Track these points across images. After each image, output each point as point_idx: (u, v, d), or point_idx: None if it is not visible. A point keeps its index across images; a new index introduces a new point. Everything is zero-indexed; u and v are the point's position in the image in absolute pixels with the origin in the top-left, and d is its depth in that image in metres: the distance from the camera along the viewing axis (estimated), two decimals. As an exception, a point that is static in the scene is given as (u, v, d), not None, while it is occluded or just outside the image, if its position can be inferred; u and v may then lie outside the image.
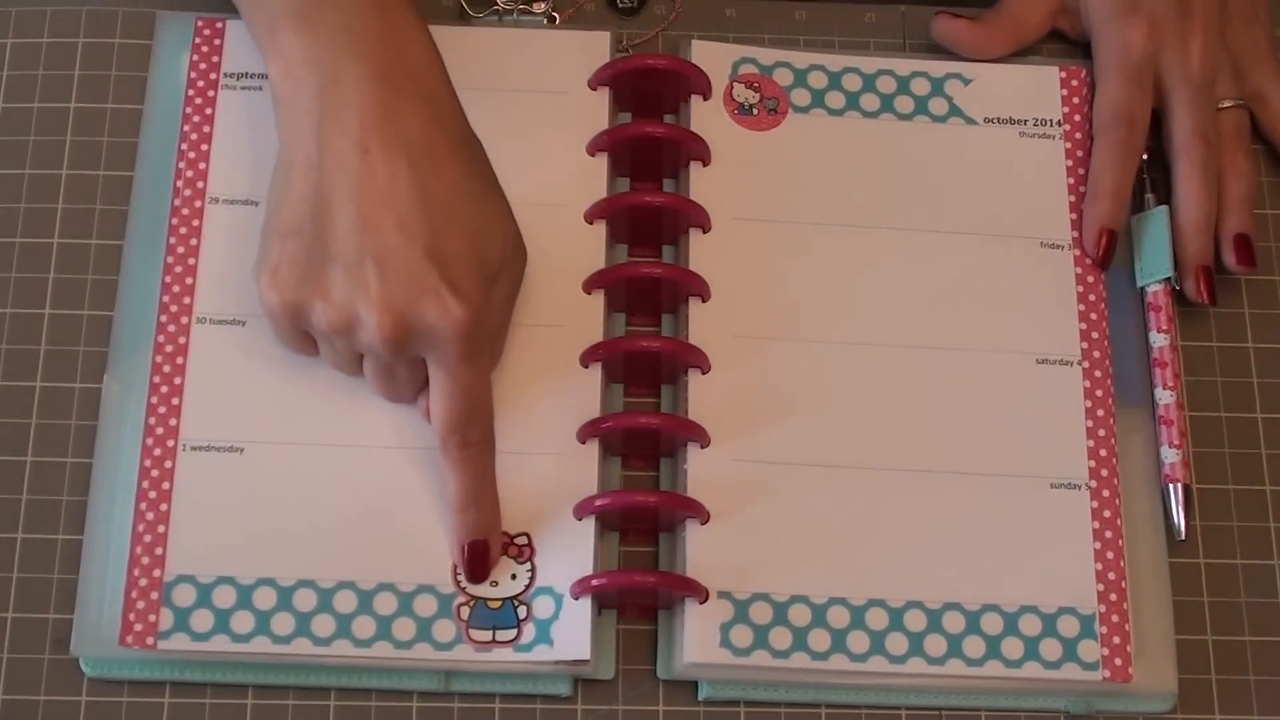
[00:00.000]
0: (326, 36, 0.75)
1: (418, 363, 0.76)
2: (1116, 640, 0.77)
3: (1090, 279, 0.84)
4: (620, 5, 0.90)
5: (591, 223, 0.83)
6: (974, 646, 0.77)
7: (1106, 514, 0.79)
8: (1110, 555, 0.79)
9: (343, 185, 0.74)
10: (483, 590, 0.77)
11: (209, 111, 0.85)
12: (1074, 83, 0.88)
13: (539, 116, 0.85)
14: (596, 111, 0.85)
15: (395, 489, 0.78)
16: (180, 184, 0.83)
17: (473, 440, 0.76)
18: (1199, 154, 0.84)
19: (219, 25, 0.86)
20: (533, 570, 0.77)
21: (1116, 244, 0.84)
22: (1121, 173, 0.85)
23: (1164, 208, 0.85)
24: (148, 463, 0.78)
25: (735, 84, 0.87)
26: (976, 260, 0.84)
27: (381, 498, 0.78)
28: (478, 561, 0.77)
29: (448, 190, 0.74)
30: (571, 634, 0.76)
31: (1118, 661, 0.77)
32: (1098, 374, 0.82)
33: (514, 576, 0.77)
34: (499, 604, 0.77)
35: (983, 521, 0.79)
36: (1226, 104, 0.86)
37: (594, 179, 0.84)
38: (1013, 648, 0.77)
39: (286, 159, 0.76)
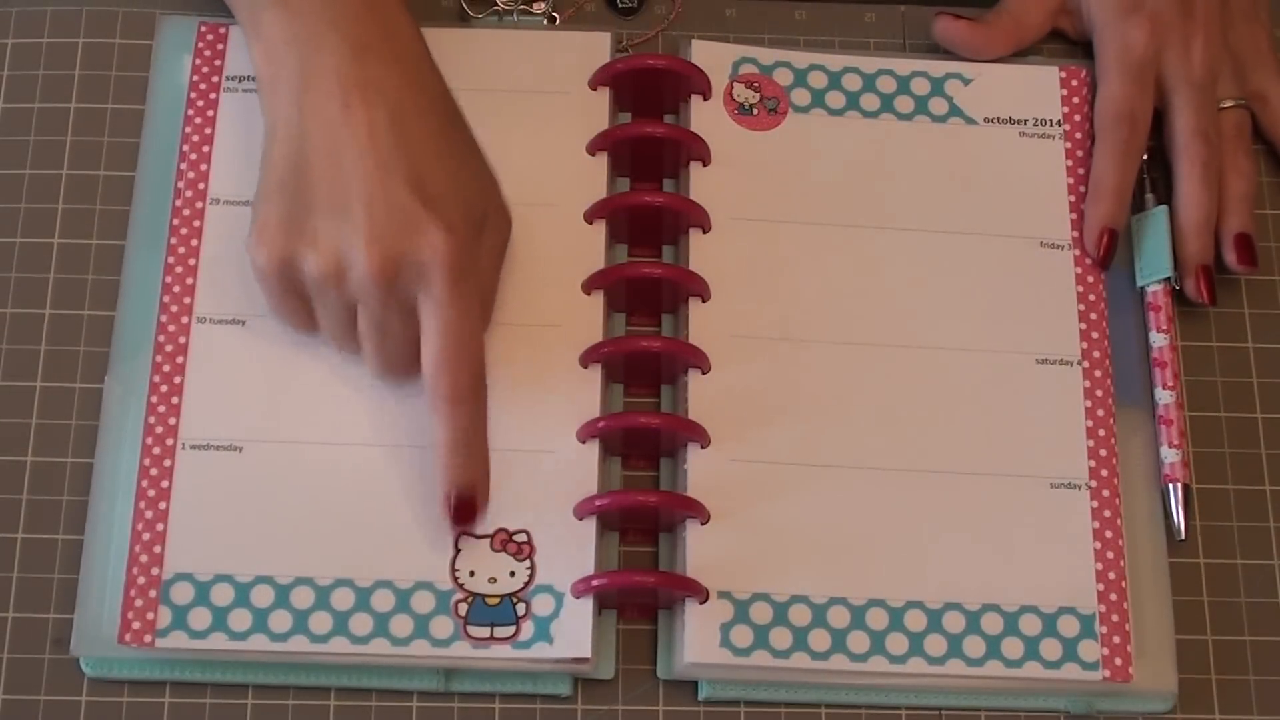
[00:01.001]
0: (307, 15, 0.77)
1: (410, 313, 0.76)
2: (1117, 640, 0.77)
3: (1090, 279, 0.84)
4: (620, 5, 0.90)
5: (591, 223, 0.83)
6: (974, 646, 0.77)
7: (1106, 514, 0.79)
8: (1110, 555, 0.79)
9: (324, 139, 0.75)
10: (481, 587, 0.77)
11: (211, 114, 0.85)
12: (1074, 83, 0.88)
13: (539, 116, 0.85)
14: (596, 111, 0.85)
15: (393, 487, 0.78)
16: (182, 185, 0.83)
17: (463, 387, 0.76)
18: (1200, 154, 0.84)
19: (222, 30, 0.86)
20: (532, 568, 0.77)
21: (1117, 244, 0.84)
22: (1123, 173, 0.85)
23: (1164, 207, 0.85)
24: (147, 461, 0.78)
25: (735, 84, 0.87)
26: (976, 260, 0.84)
27: (379, 495, 0.78)
28: (464, 511, 0.77)
29: (428, 138, 0.76)
30: (571, 632, 0.76)
31: (1118, 661, 0.77)
32: (1098, 374, 0.82)
33: (513, 574, 0.77)
34: (497, 601, 0.77)
35: (983, 521, 0.79)
36: (1228, 104, 0.87)
37: (594, 179, 0.84)
38: (1013, 647, 0.77)
39: (269, 132, 0.77)
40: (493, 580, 0.77)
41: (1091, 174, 0.85)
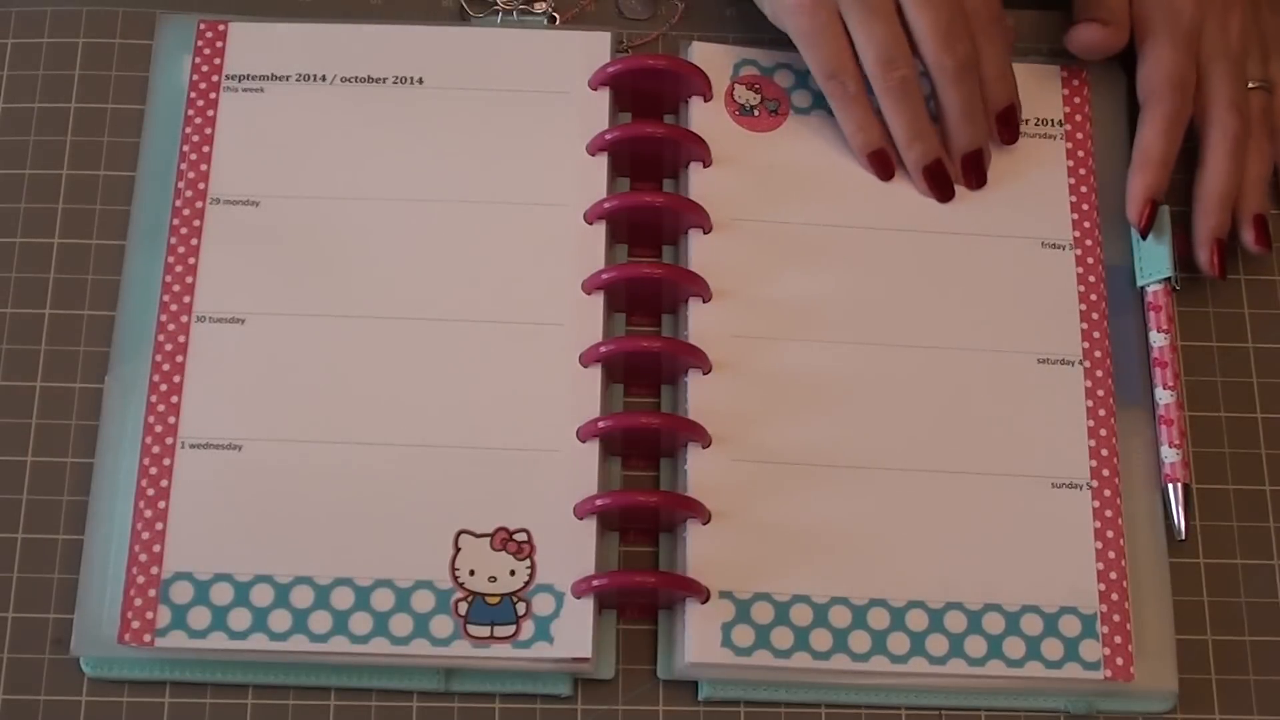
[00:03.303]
0: None
1: None
2: (1118, 640, 0.77)
3: (1091, 278, 0.84)
4: (626, 15, 0.90)
5: (591, 223, 0.83)
6: (975, 646, 0.77)
7: (1108, 513, 0.79)
8: (1112, 555, 0.79)
9: None
10: (481, 586, 0.77)
11: (211, 113, 0.85)
12: (1075, 82, 0.88)
13: (539, 116, 0.85)
14: (596, 111, 0.85)
15: (393, 485, 0.78)
16: (182, 185, 0.83)
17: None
18: (1234, 127, 0.84)
19: (221, 28, 0.87)
20: (532, 567, 0.77)
21: (1158, 213, 0.84)
22: (1170, 142, 0.84)
23: (1164, 207, 0.85)
24: (146, 461, 0.78)
25: (736, 85, 0.87)
26: (978, 260, 0.84)
27: (379, 494, 0.78)
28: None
29: None
30: (572, 632, 0.76)
31: (1119, 661, 0.77)
32: (1099, 373, 0.82)
33: (513, 573, 0.77)
34: (497, 600, 0.77)
35: (984, 521, 0.79)
36: (1253, 85, 0.86)
37: (594, 179, 0.84)
38: (1014, 647, 0.77)
39: None
40: (493, 579, 0.77)
41: (1138, 142, 0.84)
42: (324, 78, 0.86)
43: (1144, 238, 0.84)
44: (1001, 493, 0.80)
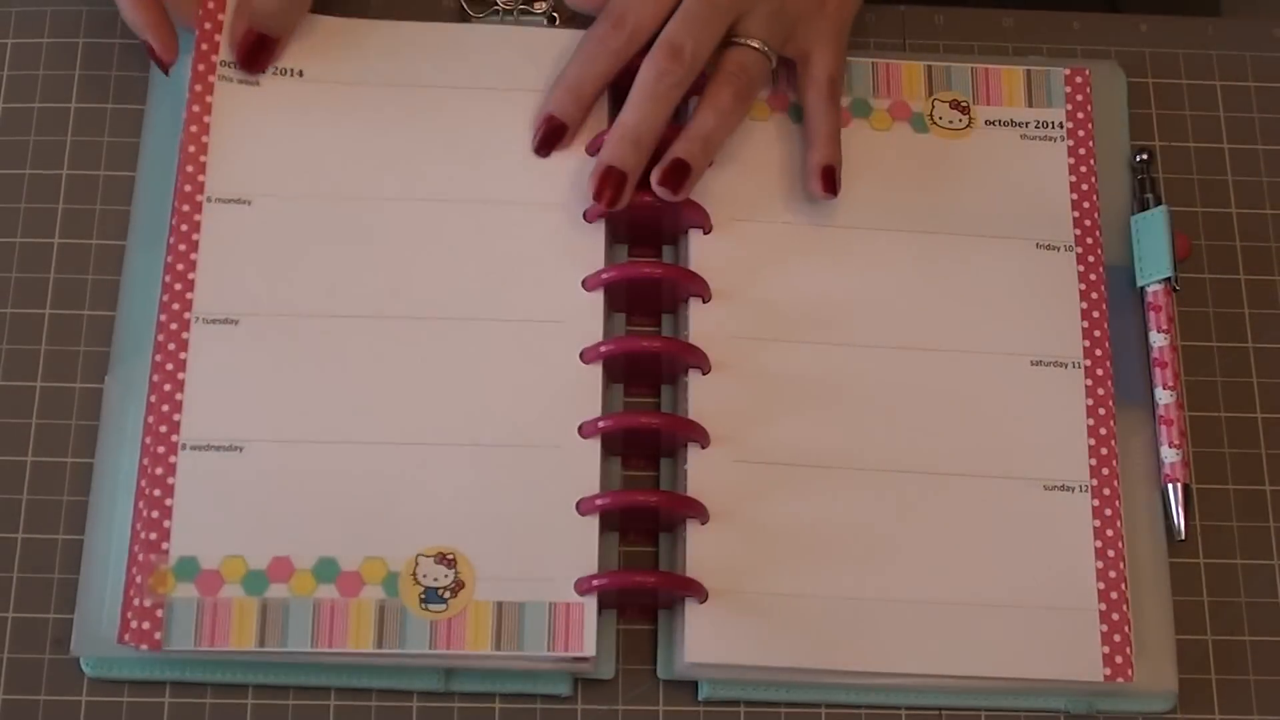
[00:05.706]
0: None
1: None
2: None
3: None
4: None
5: (591, 222, 0.83)
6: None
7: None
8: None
9: None
10: (481, 587, 0.77)
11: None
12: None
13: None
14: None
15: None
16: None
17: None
18: (657, 67, 0.81)
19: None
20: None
21: (560, 137, 0.83)
22: (587, 66, 0.82)
23: (1163, 207, 0.85)
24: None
25: None
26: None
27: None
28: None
29: None
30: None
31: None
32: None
33: (513, 574, 0.77)
34: (498, 601, 0.77)
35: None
36: (752, 43, 0.82)
37: (594, 178, 0.84)
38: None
39: None
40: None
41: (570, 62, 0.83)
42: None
43: (540, 155, 0.83)
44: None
